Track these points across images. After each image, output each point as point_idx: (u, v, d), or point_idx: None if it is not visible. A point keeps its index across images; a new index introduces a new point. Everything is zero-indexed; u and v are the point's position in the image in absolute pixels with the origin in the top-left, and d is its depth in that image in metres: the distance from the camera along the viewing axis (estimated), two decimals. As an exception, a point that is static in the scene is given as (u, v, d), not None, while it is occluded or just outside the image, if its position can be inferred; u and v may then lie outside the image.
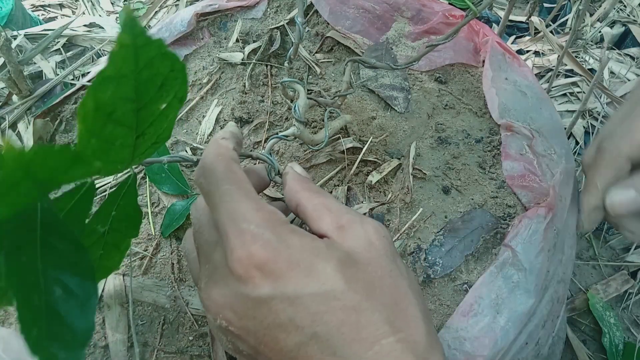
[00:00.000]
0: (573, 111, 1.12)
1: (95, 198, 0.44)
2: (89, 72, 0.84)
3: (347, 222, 0.37)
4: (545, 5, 1.48)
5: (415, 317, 0.34)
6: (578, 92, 1.17)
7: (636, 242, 0.96)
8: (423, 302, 0.37)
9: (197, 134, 0.74)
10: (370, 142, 0.69)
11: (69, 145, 0.25)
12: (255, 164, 0.69)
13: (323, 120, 0.70)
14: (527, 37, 1.36)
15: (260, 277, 0.32)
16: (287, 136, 0.54)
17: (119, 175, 0.70)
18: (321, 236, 0.37)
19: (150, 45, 0.25)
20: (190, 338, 0.56)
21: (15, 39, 1.07)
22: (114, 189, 0.41)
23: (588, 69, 1.17)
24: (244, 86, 0.78)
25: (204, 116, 0.76)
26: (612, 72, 1.20)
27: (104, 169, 0.29)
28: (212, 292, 0.35)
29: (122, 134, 0.29)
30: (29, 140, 0.75)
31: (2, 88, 1.00)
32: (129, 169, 0.36)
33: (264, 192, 0.65)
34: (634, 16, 1.35)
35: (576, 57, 1.24)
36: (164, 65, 0.27)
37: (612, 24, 1.35)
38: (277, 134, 0.51)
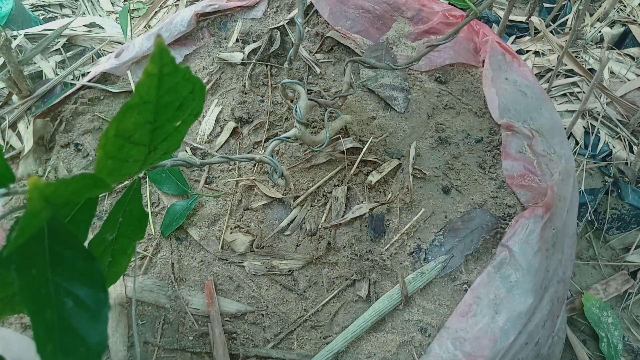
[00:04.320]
0: (573, 111, 1.12)
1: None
2: (89, 72, 0.84)
3: None
4: (545, 5, 1.48)
5: None
6: (578, 92, 1.17)
7: None
8: None
9: (197, 134, 0.74)
10: (370, 142, 0.69)
11: (88, 173, 0.26)
12: (256, 165, 0.69)
13: (323, 121, 0.70)
14: (527, 37, 1.36)
15: None
16: (288, 138, 0.54)
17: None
18: None
19: (176, 73, 0.26)
20: (191, 337, 0.56)
21: (15, 39, 1.07)
22: (120, 194, 0.41)
23: (588, 69, 1.17)
24: (244, 86, 0.78)
25: (204, 116, 0.76)
26: (612, 72, 1.20)
27: (114, 182, 0.30)
28: None
29: (136, 152, 0.29)
30: (28, 140, 0.75)
31: (2, 88, 1.00)
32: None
33: (264, 192, 0.65)
34: (634, 16, 1.35)
35: (576, 57, 1.24)
36: (186, 88, 0.28)
37: (612, 24, 1.35)
38: (277, 134, 0.51)
